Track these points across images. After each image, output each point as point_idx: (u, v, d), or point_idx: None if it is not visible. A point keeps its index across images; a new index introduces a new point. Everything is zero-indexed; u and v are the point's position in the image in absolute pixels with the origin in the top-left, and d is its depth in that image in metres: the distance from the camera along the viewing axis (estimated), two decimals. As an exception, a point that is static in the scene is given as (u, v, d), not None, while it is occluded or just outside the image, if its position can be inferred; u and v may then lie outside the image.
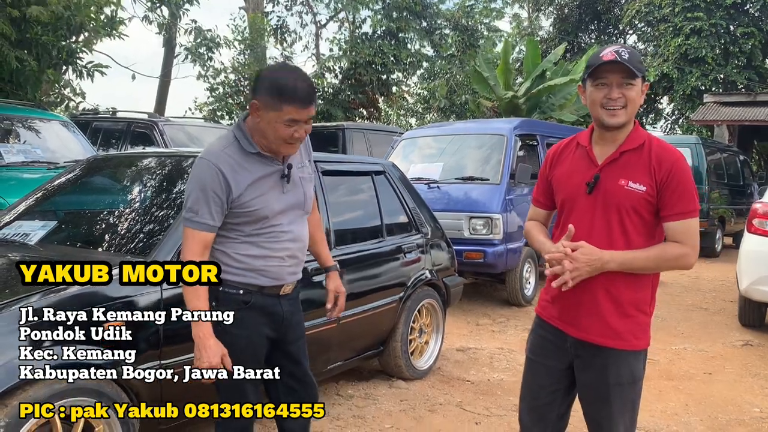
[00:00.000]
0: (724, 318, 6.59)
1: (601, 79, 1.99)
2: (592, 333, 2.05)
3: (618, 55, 1.95)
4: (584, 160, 2.09)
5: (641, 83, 2.01)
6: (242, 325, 2.28)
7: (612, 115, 1.98)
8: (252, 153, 2.24)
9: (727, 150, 13.15)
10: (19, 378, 2.15)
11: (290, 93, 2.13)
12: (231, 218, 2.23)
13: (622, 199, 2.00)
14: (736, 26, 19.74)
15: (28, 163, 5.91)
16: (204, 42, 15.19)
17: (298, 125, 2.18)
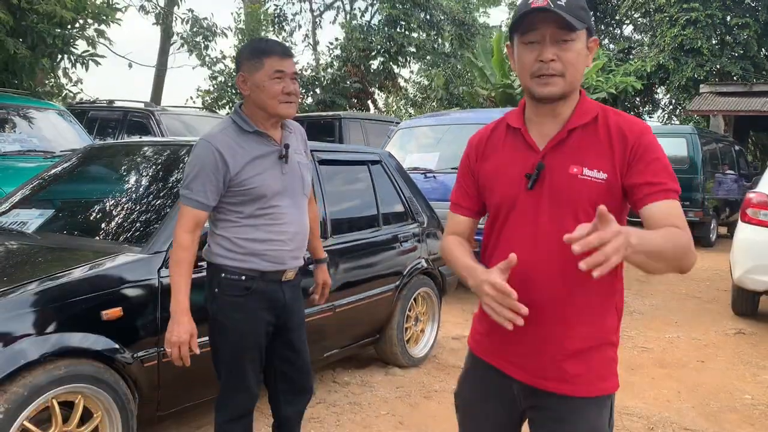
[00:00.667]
0: (718, 307, 6.64)
1: (531, 33, 1.46)
2: (543, 376, 1.55)
3: (551, 1, 1.42)
4: (519, 147, 1.57)
5: (586, 38, 1.49)
6: (244, 311, 2.31)
7: (544, 84, 1.47)
8: (249, 132, 2.28)
9: (723, 140, 13.19)
10: (18, 364, 2.18)
11: (267, 47, 2.26)
12: (231, 197, 2.26)
13: (577, 193, 1.48)
14: (731, 17, 19.72)
15: (24, 152, 5.91)
16: (200, 31, 15.12)
17: (285, 79, 2.23)
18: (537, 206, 1.51)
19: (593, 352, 1.53)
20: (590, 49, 1.51)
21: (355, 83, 17.82)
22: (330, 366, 4.20)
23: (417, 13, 18.53)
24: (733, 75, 19.53)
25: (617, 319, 1.59)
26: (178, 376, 2.71)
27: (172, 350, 2.19)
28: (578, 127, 1.51)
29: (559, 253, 1.44)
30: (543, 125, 1.55)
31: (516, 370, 1.59)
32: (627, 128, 1.49)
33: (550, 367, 1.53)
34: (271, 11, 20.29)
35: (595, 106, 1.54)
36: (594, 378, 1.53)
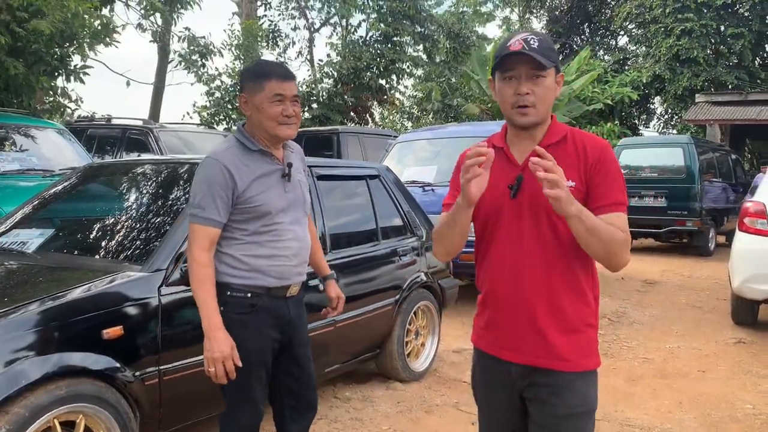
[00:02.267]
0: (718, 316, 6.64)
1: (509, 72, 1.77)
2: (535, 355, 1.80)
3: (526, 44, 1.73)
4: (503, 163, 1.84)
5: (554, 74, 1.80)
6: (250, 328, 2.32)
7: (522, 114, 1.77)
8: (254, 150, 2.34)
9: (720, 149, 13.23)
10: (20, 385, 2.18)
11: (268, 70, 2.33)
12: (236, 215, 2.29)
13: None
14: (726, 27, 19.86)
15: (23, 171, 5.92)
16: (197, 49, 15.20)
17: (285, 102, 2.29)
18: (520, 211, 1.80)
19: (577, 333, 1.80)
20: (558, 83, 1.83)
21: (350, 98, 17.91)
22: (331, 381, 4.20)
23: (409, 27, 18.66)
24: (728, 84, 19.64)
25: (595, 305, 1.86)
26: (180, 394, 2.72)
27: (215, 368, 2.18)
28: (551, 144, 1.80)
29: (541, 249, 1.78)
30: (522, 145, 1.84)
31: (512, 354, 1.84)
32: (590, 145, 1.81)
33: (541, 347, 1.79)
34: (266, 26, 20.42)
35: (564, 127, 1.86)
36: (580, 356, 1.80)
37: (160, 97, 17.45)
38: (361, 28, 20.06)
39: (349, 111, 18.64)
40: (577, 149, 1.79)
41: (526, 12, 28.37)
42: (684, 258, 11.05)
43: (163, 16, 13.62)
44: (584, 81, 16.25)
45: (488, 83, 1.94)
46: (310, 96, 18.23)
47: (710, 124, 17.02)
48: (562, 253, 1.77)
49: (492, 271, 1.86)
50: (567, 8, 26.18)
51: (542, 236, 1.77)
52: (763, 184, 6.19)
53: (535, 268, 1.77)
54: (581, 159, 1.78)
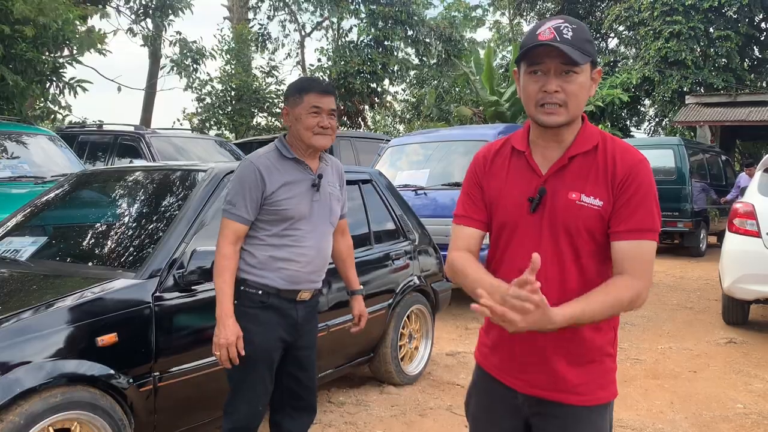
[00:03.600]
0: (709, 317, 6.69)
1: (537, 65, 1.53)
2: (544, 387, 1.62)
3: (558, 34, 1.48)
4: (523, 170, 1.63)
5: (590, 69, 1.55)
6: (259, 324, 2.44)
7: (548, 113, 1.53)
8: (288, 158, 2.48)
9: (710, 150, 13.34)
10: (14, 393, 2.19)
11: (308, 84, 2.50)
12: (263, 215, 2.44)
13: (574, 218, 1.54)
14: (714, 29, 20.01)
15: (15, 178, 5.91)
16: (189, 54, 15.20)
17: (322, 114, 2.43)
18: (539, 229, 1.58)
19: (593, 363, 1.61)
20: (594, 80, 1.57)
21: (347, 102, 17.95)
22: (325, 386, 4.21)
23: (400, 31, 18.72)
24: (716, 87, 19.77)
25: (614, 333, 1.66)
26: (175, 400, 2.73)
27: (220, 353, 2.34)
28: (579, 154, 1.58)
29: (559, 273, 1.56)
30: (546, 149, 1.62)
31: (521, 384, 1.66)
32: (621, 157, 1.56)
33: (553, 378, 1.61)
34: (256, 30, 20.43)
35: (596, 134, 1.61)
36: (595, 387, 1.61)
37: (151, 103, 17.41)
38: (352, 33, 20.11)
39: (341, 115, 18.66)
40: (607, 161, 1.56)
41: (516, 15, 28.49)
42: (675, 259, 11.12)
43: (154, 21, 13.62)
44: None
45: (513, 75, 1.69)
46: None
47: (700, 126, 17.13)
48: (581, 278, 1.57)
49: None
50: (557, 11, 26.29)
51: (561, 258, 1.57)
52: (751, 185, 6.24)
53: (549, 292, 1.48)
54: (609, 173, 1.54)
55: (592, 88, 1.58)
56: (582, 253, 1.56)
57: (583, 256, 1.57)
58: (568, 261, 1.57)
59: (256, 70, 17.93)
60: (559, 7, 26.06)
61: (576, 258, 1.57)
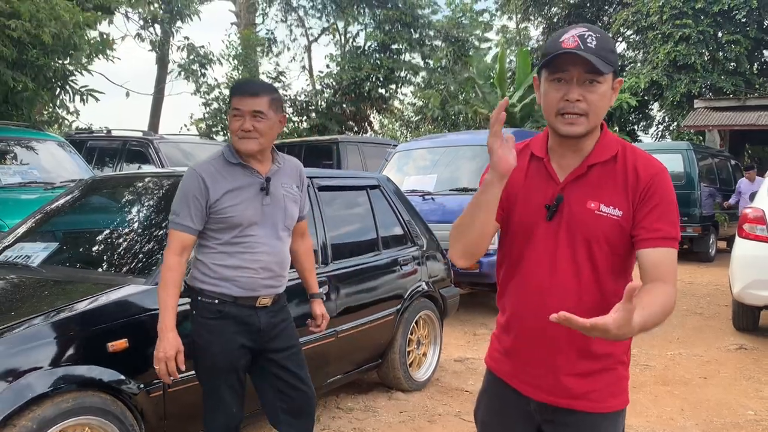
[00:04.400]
0: (719, 322, 6.65)
1: (559, 73, 1.51)
2: (559, 395, 1.61)
3: (582, 42, 1.47)
4: (541, 176, 1.62)
5: (612, 79, 1.53)
6: (216, 333, 2.42)
7: (569, 123, 1.52)
8: (233, 163, 2.43)
9: (719, 155, 13.28)
10: (26, 398, 2.20)
11: (236, 87, 2.47)
12: (211, 224, 2.40)
13: (592, 228, 1.54)
14: (723, 33, 19.94)
15: (25, 184, 5.96)
16: (197, 59, 15.28)
17: (243, 117, 2.36)
18: (555, 237, 1.57)
19: (607, 370, 1.61)
20: (615, 90, 1.56)
21: (349, 107, 17.99)
22: (333, 392, 4.21)
23: (406, 34, 18.75)
24: (726, 91, 19.70)
25: (629, 340, 1.64)
26: (184, 406, 2.74)
27: (159, 367, 2.31)
28: (598, 163, 1.57)
29: (574, 279, 1.56)
30: (564, 157, 1.61)
31: (533, 391, 1.65)
32: (642, 167, 1.55)
33: (566, 385, 1.60)
34: (263, 35, 20.53)
35: (616, 143, 1.60)
36: (607, 395, 1.61)
37: (159, 108, 17.50)
38: (359, 38, 20.18)
39: (347, 120, 18.71)
40: (627, 171, 1.55)
41: (523, 20, 28.48)
42: (684, 264, 11.06)
43: (162, 27, 13.69)
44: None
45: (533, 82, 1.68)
46: (308, 105, 18.30)
47: (709, 130, 17.07)
48: (598, 287, 1.56)
49: (517, 296, 1.66)
50: (564, 15, 26.29)
51: (577, 266, 1.56)
52: (761, 189, 6.21)
53: (565, 299, 1.53)
54: (630, 183, 1.54)
55: (613, 98, 1.57)
56: (599, 262, 1.56)
57: (600, 266, 1.56)
58: (585, 270, 1.56)
59: (263, 75, 18.00)
60: (566, 12, 26.06)
61: (593, 267, 1.56)
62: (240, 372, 2.48)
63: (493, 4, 28.36)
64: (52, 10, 7.01)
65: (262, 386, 2.57)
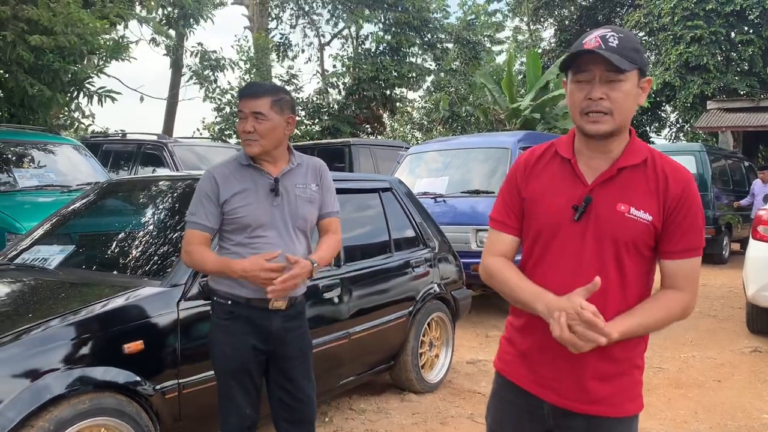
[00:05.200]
0: (733, 325, 6.61)
1: (582, 73, 1.54)
2: (576, 399, 1.60)
3: (603, 42, 1.50)
4: (567, 177, 1.62)
5: (638, 78, 1.54)
6: (228, 334, 2.44)
7: (593, 121, 1.53)
8: (245, 165, 2.47)
9: (732, 156, 13.19)
10: (44, 399, 2.23)
11: (240, 89, 2.54)
12: (224, 225, 2.45)
13: (622, 230, 1.54)
14: (736, 33, 19.81)
15: (41, 187, 6.02)
16: (209, 64, 15.37)
17: (245, 119, 2.40)
18: (581, 238, 1.57)
19: (623, 375, 1.61)
20: (643, 89, 1.57)
21: (364, 109, 18.03)
22: (346, 393, 4.23)
23: (415, 38, 18.77)
24: (739, 92, 19.56)
25: (644, 345, 1.68)
26: (199, 407, 2.76)
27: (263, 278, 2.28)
28: (628, 166, 1.58)
29: (602, 284, 1.51)
30: (592, 159, 1.61)
31: (547, 393, 1.64)
32: (672, 176, 1.57)
33: (581, 389, 1.60)
34: (277, 39, 20.62)
35: (645, 148, 1.61)
36: (623, 399, 1.61)
37: (173, 112, 17.62)
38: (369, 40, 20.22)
39: (360, 123, 18.75)
40: (658, 177, 1.56)
41: (535, 21, 28.44)
42: (698, 266, 10.98)
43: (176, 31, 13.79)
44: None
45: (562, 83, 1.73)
46: (320, 108, 18.36)
47: (722, 131, 16.96)
48: (622, 290, 1.57)
49: None
50: (576, 17, 26.23)
51: (603, 268, 1.55)
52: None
53: (589, 301, 1.49)
54: (661, 190, 1.55)
55: (641, 98, 1.57)
56: (625, 264, 1.56)
57: (626, 268, 1.56)
58: (612, 273, 1.56)
59: (276, 79, 18.08)
60: (578, 14, 26.00)
61: (619, 269, 1.56)
62: (253, 374, 2.48)
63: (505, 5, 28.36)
64: (69, 15, 7.08)
65: (269, 393, 2.58)
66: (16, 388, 2.21)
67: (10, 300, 2.90)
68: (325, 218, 2.62)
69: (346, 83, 18.22)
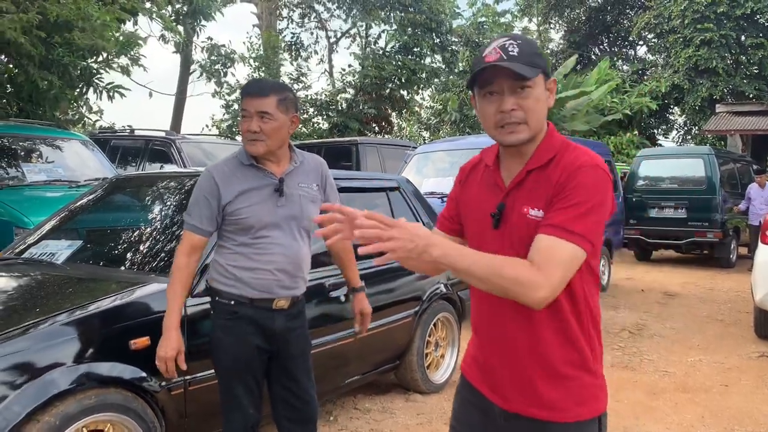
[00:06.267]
0: (740, 329, 6.57)
1: (488, 87, 1.51)
2: (520, 403, 1.58)
3: (504, 53, 1.47)
4: (490, 185, 1.62)
5: (543, 80, 1.53)
6: (232, 334, 2.43)
7: (510, 132, 1.51)
8: (246, 164, 2.42)
9: (741, 160, 13.12)
10: (50, 394, 2.23)
11: (244, 87, 2.43)
12: (225, 225, 2.41)
13: (528, 233, 1.48)
14: (746, 37, 19.71)
15: (50, 182, 6.05)
16: (219, 58, 15.40)
17: (250, 118, 2.34)
18: (501, 244, 1.54)
19: (568, 379, 1.55)
20: (550, 90, 1.55)
21: (369, 108, 18.04)
22: (351, 392, 4.22)
23: (429, 39, 18.78)
24: (748, 95, 19.46)
25: (592, 344, 1.59)
26: (205, 404, 2.76)
27: (159, 365, 2.35)
28: (535, 168, 1.54)
29: None
30: (511, 164, 1.59)
31: (496, 398, 1.63)
32: (565, 165, 1.49)
33: (527, 394, 1.57)
34: (288, 39, 20.65)
35: (556, 145, 1.55)
36: (573, 404, 1.55)
37: (181, 109, 17.66)
38: (380, 40, 20.22)
39: (369, 122, 18.76)
40: (557, 171, 1.50)
41: (544, 23, 28.37)
42: (705, 270, 10.95)
43: (185, 27, 13.82)
44: (603, 91, 16.19)
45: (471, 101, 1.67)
46: (329, 105, 18.37)
47: (731, 135, 16.89)
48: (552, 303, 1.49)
49: (475, 307, 1.66)
50: (585, 19, 26.15)
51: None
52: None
53: (514, 310, 1.50)
54: (554, 182, 1.49)
55: (551, 99, 1.55)
56: None
57: None
58: None
59: (285, 77, 18.10)
60: (587, 15, 25.92)
61: None
62: (256, 373, 2.48)
63: (514, 6, 28.29)
64: (79, 10, 7.10)
65: (271, 393, 2.57)
66: (23, 383, 2.21)
67: (18, 294, 2.91)
68: None
69: (359, 82, 18.21)
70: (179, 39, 13.16)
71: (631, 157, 16.25)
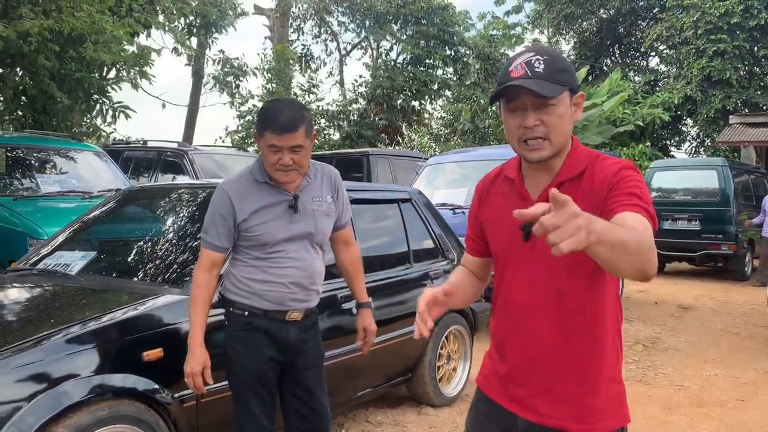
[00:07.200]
0: (756, 343, 6.49)
1: (513, 102, 1.52)
2: (548, 415, 1.58)
3: (528, 69, 1.48)
4: (515, 198, 1.61)
5: (570, 98, 1.53)
6: (246, 345, 2.44)
7: (532, 149, 1.52)
8: (261, 182, 2.42)
9: (755, 171, 13.02)
10: (63, 406, 2.23)
11: (269, 120, 2.30)
12: (241, 241, 2.43)
13: None
14: (759, 48, 19.61)
15: (63, 192, 6.10)
16: (231, 71, 15.51)
17: (282, 152, 2.30)
18: (531, 256, 1.56)
19: (597, 392, 1.57)
20: (577, 105, 1.56)
21: (380, 119, 18.10)
22: (363, 405, 4.20)
23: (441, 50, 18.85)
24: (762, 106, 19.34)
25: (617, 356, 1.62)
26: (217, 416, 2.75)
27: (188, 381, 2.38)
28: (566, 180, 1.54)
29: (554, 301, 1.54)
30: (537, 178, 1.60)
31: (521, 410, 1.63)
32: (602, 170, 1.50)
33: (556, 407, 1.57)
34: (299, 51, 20.77)
35: (585, 157, 1.57)
36: (600, 417, 1.57)
37: (193, 120, 17.78)
38: (392, 52, 20.31)
39: (379, 132, 18.81)
40: (593, 182, 1.50)
41: (555, 34, 28.37)
42: (719, 282, 10.84)
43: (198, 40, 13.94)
44: (614, 102, 16.15)
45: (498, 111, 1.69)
46: (340, 115, 18.44)
47: (745, 146, 16.76)
48: (579, 306, 1.54)
49: (502, 319, 1.68)
50: (596, 30, 26.11)
51: (557, 286, 1.54)
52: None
53: (546, 321, 1.54)
54: (596, 190, 1.48)
55: (577, 113, 1.56)
56: (579, 277, 1.52)
57: (580, 281, 1.52)
58: (565, 286, 1.53)
59: (296, 88, 18.19)
60: (597, 27, 25.89)
61: (573, 283, 1.52)
62: (269, 384, 2.48)
63: (525, 18, 28.33)
64: (94, 24, 7.19)
65: (283, 405, 2.56)
66: (36, 394, 2.21)
67: (32, 305, 2.93)
68: (340, 229, 2.65)
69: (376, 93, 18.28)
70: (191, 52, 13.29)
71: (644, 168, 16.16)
